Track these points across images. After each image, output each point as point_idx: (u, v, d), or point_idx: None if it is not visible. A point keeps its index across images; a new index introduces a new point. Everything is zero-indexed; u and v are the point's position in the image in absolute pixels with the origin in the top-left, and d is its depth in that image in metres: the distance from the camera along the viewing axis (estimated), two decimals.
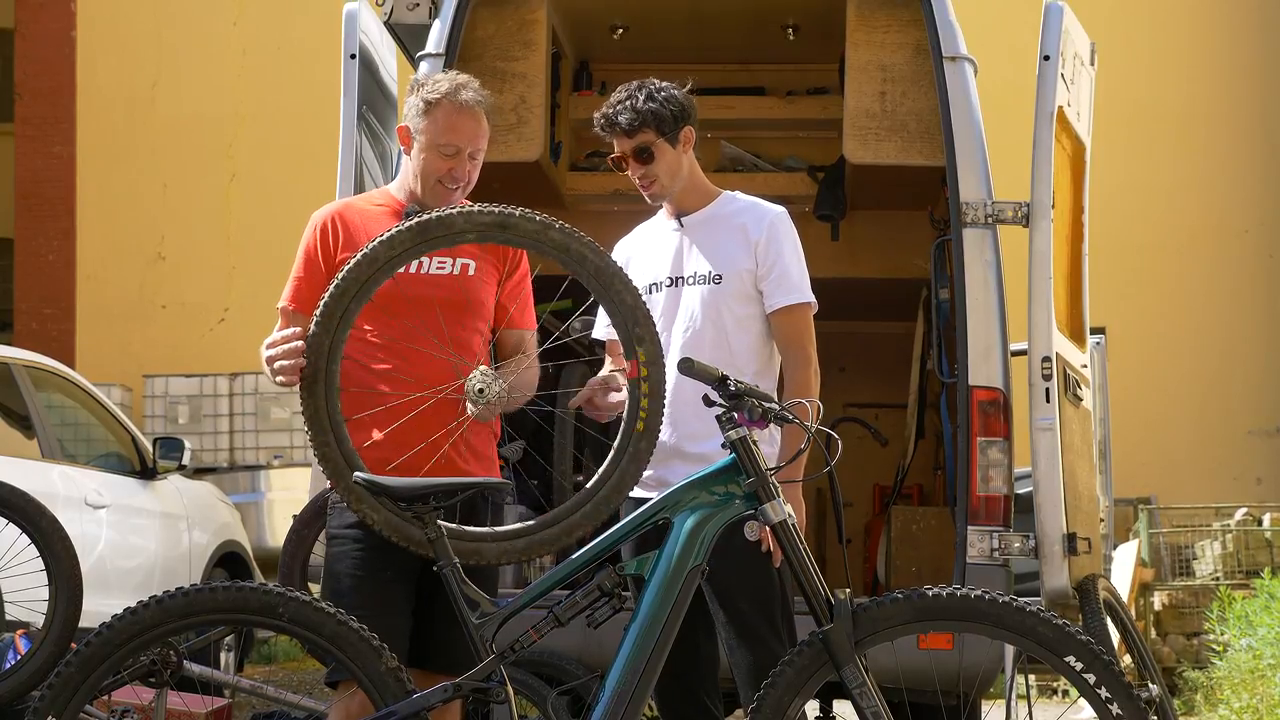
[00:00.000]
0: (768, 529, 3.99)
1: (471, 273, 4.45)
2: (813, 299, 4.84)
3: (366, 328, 4.37)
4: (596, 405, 4.67)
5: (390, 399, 4.29)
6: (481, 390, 4.20)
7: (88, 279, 18.72)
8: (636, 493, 4.76)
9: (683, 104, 4.80)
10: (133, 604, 3.87)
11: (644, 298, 4.80)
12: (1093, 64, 6.84)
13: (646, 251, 4.91)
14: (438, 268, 4.43)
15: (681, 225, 4.89)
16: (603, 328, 5.01)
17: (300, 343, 4.18)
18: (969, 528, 6.03)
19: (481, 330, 4.49)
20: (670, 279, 4.84)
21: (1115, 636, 6.72)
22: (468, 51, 6.83)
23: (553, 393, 6.09)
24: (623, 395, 4.42)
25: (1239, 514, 13.17)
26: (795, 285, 4.80)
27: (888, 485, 8.52)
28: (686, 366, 4.01)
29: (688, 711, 4.75)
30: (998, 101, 10.01)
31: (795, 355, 4.79)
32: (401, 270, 4.28)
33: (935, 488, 8.12)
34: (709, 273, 4.80)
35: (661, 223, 4.96)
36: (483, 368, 4.24)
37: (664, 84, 4.83)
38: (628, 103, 4.77)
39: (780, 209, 4.90)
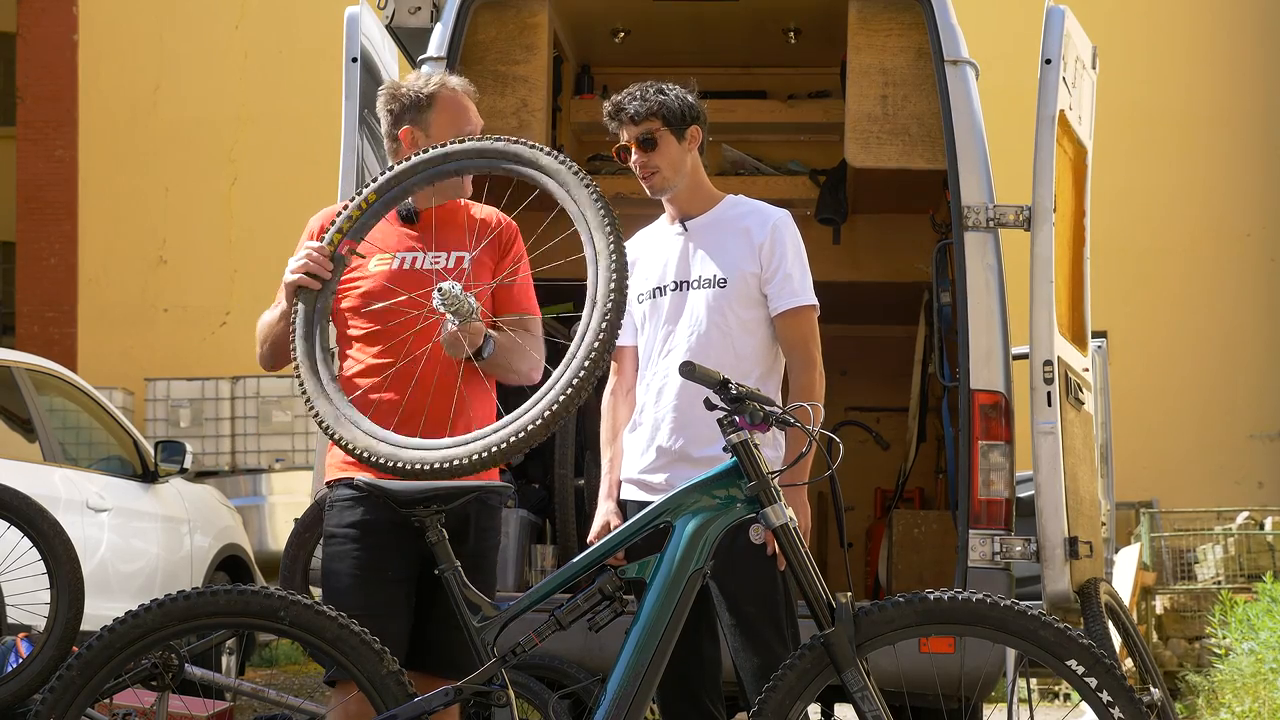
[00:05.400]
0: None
1: (467, 264, 4.34)
2: (815, 301, 4.85)
3: (362, 328, 4.36)
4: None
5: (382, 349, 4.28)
6: (441, 289, 4.05)
7: (89, 282, 18.74)
8: (640, 496, 4.77)
9: (693, 104, 4.86)
10: (134, 607, 3.87)
11: (649, 302, 4.82)
12: (1094, 67, 6.84)
13: (651, 256, 4.90)
14: (432, 262, 4.36)
15: (685, 229, 4.89)
16: None
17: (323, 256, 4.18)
18: (970, 531, 6.03)
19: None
20: (675, 283, 4.84)
21: (1117, 640, 6.72)
22: (469, 55, 6.83)
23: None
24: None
25: (1240, 518, 13.18)
26: (798, 289, 4.81)
27: (889, 489, 8.52)
28: (688, 370, 3.99)
29: (690, 715, 4.74)
30: (999, 105, 10.01)
31: (800, 358, 4.80)
32: (396, 267, 4.30)
33: (937, 491, 8.12)
34: (714, 276, 4.80)
35: (664, 227, 4.96)
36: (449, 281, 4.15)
37: (677, 86, 4.88)
38: (638, 93, 4.84)
39: (784, 212, 4.91)
